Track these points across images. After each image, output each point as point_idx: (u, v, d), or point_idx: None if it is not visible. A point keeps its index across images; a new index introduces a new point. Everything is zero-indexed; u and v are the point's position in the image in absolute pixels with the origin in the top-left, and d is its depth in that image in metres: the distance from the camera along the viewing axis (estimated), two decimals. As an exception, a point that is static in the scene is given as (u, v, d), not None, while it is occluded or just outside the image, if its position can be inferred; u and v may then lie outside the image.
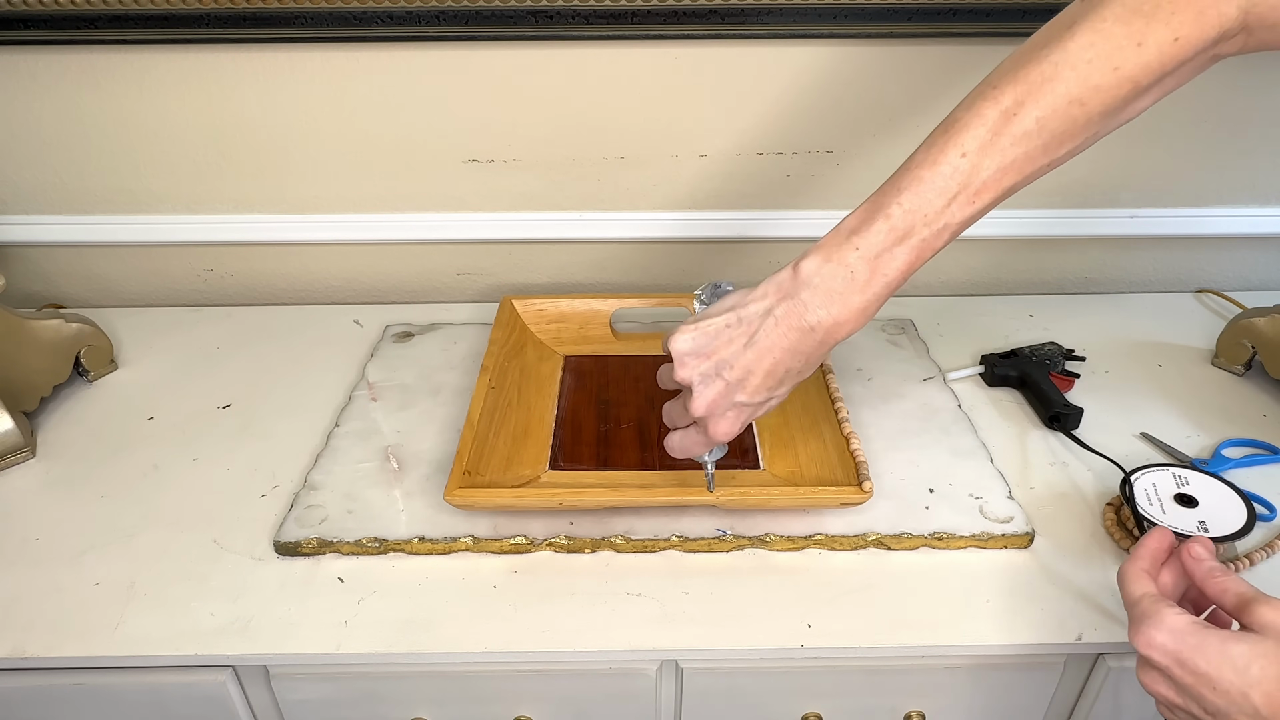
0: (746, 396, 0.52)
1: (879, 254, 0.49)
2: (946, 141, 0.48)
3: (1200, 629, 0.41)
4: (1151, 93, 0.47)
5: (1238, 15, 0.44)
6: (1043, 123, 0.46)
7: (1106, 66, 0.45)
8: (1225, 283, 0.96)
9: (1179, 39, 0.44)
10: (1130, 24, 0.45)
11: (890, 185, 0.49)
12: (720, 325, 0.52)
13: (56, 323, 0.77)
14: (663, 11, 0.77)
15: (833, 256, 0.49)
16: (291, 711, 0.59)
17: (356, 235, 0.91)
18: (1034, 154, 0.47)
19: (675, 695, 0.60)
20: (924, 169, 0.48)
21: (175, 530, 0.63)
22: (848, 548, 0.61)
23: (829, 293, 0.49)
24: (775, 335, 0.50)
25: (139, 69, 0.81)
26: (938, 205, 0.48)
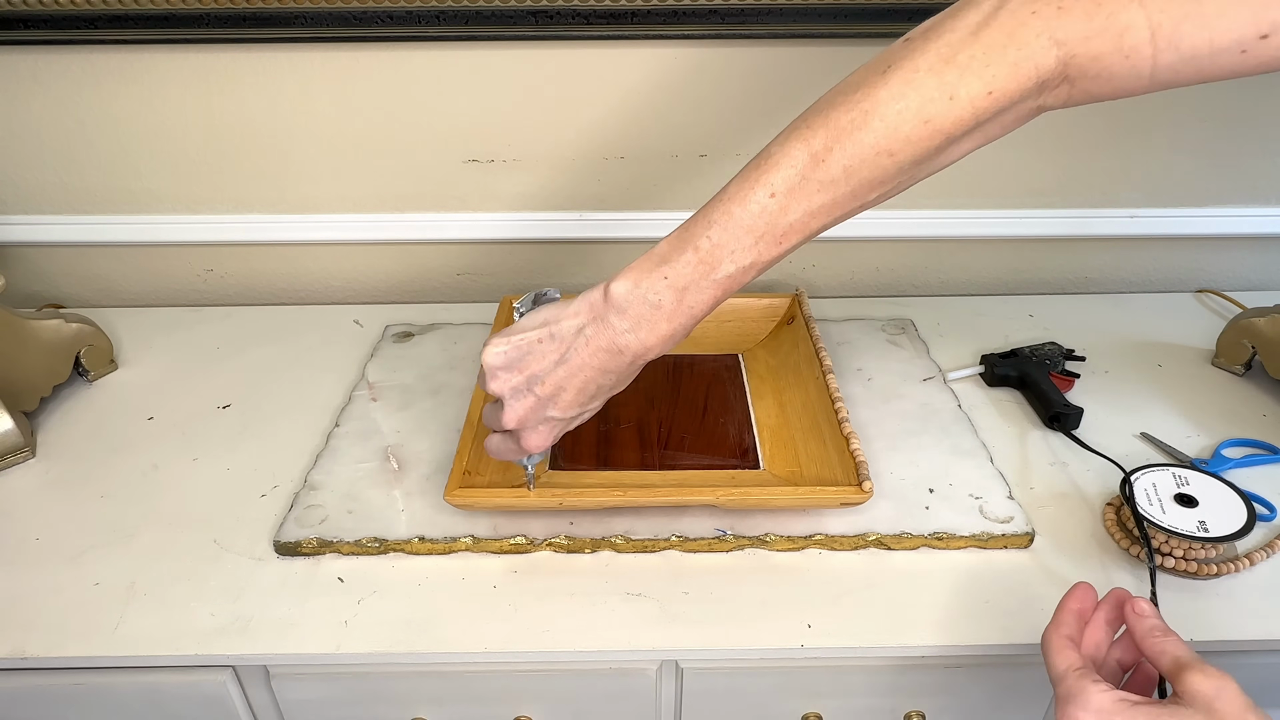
0: (559, 412, 0.53)
1: (685, 286, 0.49)
2: (758, 177, 0.47)
3: (1127, 707, 0.40)
4: (966, 141, 0.46)
5: (1055, 66, 0.42)
6: (850, 171, 0.45)
7: (917, 119, 0.43)
8: (1225, 283, 0.96)
9: (993, 92, 0.42)
10: (942, 75, 0.43)
11: (703, 215, 0.49)
12: (533, 339, 0.52)
13: (56, 323, 0.77)
14: (663, 11, 0.77)
15: (642, 282, 0.50)
16: (291, 711, 0.59)
17: (356, 235, 0.91)
18: (841, 200, 0.46)
19: (675, 695, 0.60)
20: (734, 204, 0.48)
21: (175, 530, 0.63)
22: (848, 548, 0.61)
23: (637, 318, 0.50)
24: (586, 354, 0.51)
25: (139, 69, 0.81)
26: (745, 243, 0.48)
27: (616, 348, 0.50)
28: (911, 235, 0.92)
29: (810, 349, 0.75)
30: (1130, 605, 0.45)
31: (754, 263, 0.48)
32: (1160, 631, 0.43)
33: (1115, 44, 0.41)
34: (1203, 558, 0.57)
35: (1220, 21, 0.39)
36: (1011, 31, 0.42)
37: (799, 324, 0.79)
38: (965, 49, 0.42)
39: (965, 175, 0.89)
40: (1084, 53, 0.42)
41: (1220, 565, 0.57)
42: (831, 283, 0.97)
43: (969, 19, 0.43)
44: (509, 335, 0.53)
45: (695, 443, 0.69)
